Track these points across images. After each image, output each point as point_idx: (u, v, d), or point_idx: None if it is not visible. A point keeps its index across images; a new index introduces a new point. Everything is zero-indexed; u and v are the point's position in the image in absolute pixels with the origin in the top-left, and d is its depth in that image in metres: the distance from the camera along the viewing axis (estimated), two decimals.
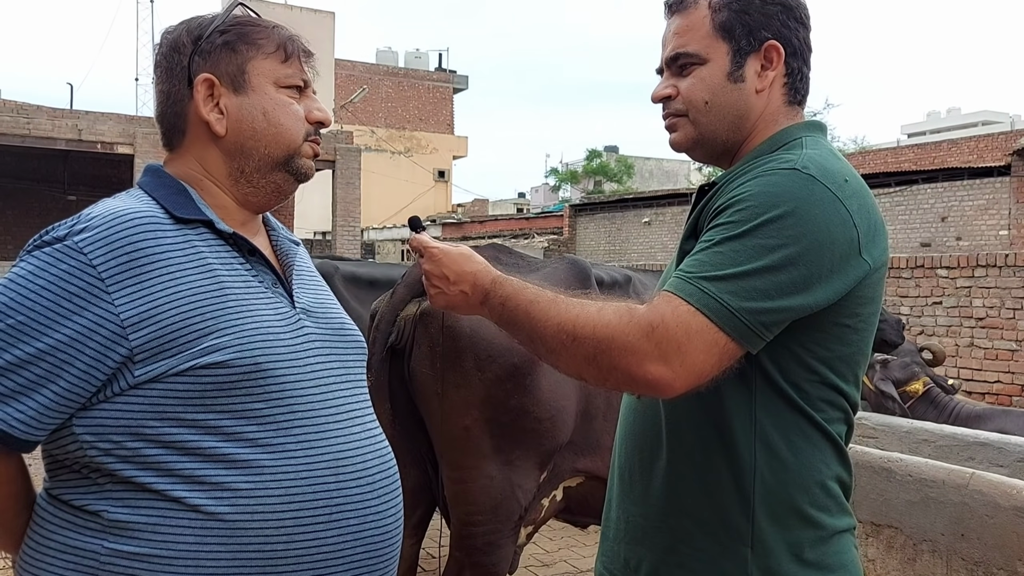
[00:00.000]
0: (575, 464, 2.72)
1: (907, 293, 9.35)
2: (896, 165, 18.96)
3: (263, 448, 1.18)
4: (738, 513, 1.26)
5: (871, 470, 3.08)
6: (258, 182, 1.32)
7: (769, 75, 1.35)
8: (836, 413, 1.29)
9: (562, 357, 1.24)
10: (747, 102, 1.35)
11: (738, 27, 1.34)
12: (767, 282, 1.16)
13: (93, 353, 1.13)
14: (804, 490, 1.26)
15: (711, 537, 1.28)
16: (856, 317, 1.27)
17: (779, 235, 1.18)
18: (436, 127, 38.92)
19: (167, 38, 1.31)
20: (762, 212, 1.19)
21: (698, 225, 1.32)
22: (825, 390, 1.27)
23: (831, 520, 1.29)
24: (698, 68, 1.36)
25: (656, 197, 21.43)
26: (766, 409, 1.26)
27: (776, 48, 1.34)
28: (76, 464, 1.18)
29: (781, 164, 1.25)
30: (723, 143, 1.39)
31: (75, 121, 13.92)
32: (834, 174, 1.24)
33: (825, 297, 1.20)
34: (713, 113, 1.36)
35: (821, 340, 1.25)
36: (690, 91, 1.36)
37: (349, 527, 1.23)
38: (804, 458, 1.26)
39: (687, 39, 1.36)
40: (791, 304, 1.18)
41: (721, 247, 1.20)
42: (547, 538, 4.71)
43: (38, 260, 1.15)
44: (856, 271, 1.22)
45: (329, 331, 1.33)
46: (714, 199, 1.31)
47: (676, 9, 1.39)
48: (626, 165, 35.93)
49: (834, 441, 1.29)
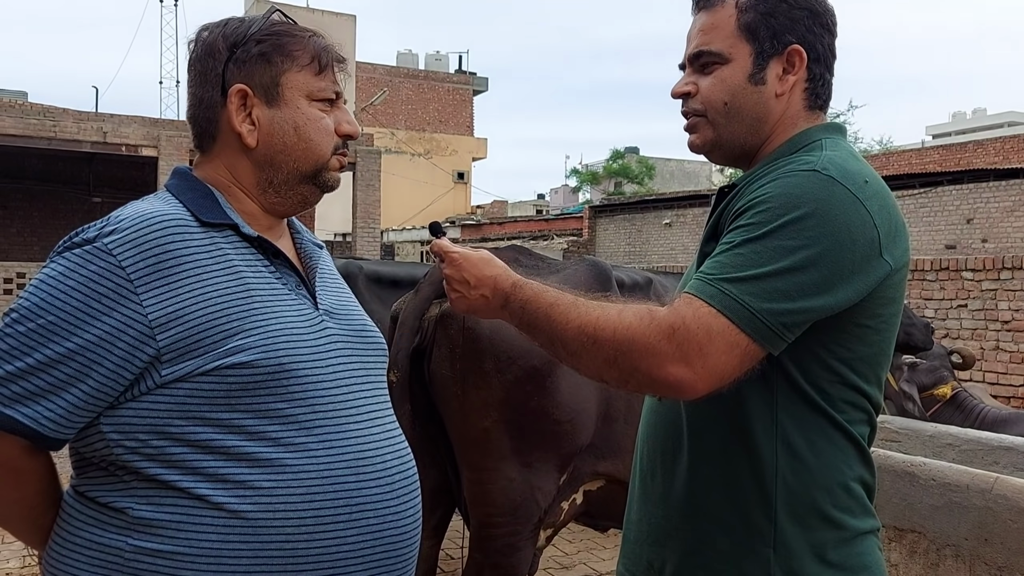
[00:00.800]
0: (595, 467, 2.72)
1: (932, 295, 9.26)
2: (921, 166, 18.77)
3: (285, 447, 1.19)
4: (760, 514, 1.26)
5: (894, 474, 3.05)
6: (285, 193, 1.33)
7: (790, 79, 1.35)
8: (858, 414, 1.29)
9: (583, 359, 1.25)
10: (766, 105, 1.35)
11: (763, 29, 1.33)
12: (788, 283, 1.16)
13: (121, 353, 1.14)
14: (826, 491, 1.26)
15: (733, 538, 1.28)
16: (877, 318, 1.26)
17: (800, 236, 1.18)
18: (456, 129, 38.98)
19: (202, 40, 1.31)
20: (783, 213, 1.19)
21: (718, 227, 1.32)
22: (847, 391, 1.27)
23: (854, 521, 1.28)
24: (720, 67, 1.35)
25: (677, 198, 21.34)
26: (788, 411, 1.25)
27: (799, 53, 1.34)
28: (103, 462, 1.20)
29: (801, 166, 1.25)
30: (741, 146, 1.39)
31: (100, 124, 14.07)
32: (854, 175, 1.24)
33: (846, 298, 1.20)
34: (732, 115, 1.36)
35: (842, 341, 1.25)
36: (710, 91, 1.36)
37: (369, 527, 1.24)
38: (826, 459, 1.26)
39: (711, 37, 1.36)
40: (812, 305, 1.17)
41: (742, 249, 1.20)
42: (566, 540, 4.71)
43: (68, 261, 1.16)
44: (877, 272, 1.22)
45: (351, 333, 1.35)
46: (734, 201, 1.31)
47: (703, 5, 1.39)
48: (647, 167, 35.85)
49: (856, 442, 1.29)
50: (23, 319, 1.14)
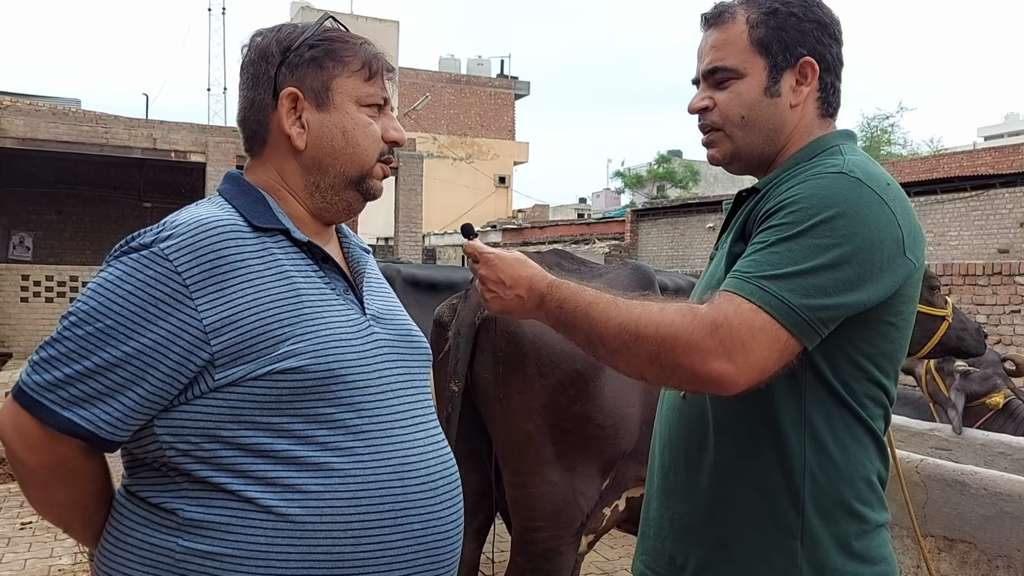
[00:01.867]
0: (639, 473, 2.70)
1: (983, 301, 9.05)
2: (972, 169, 18.33)
3: (333, 452, 1.21)
4: (788, 507, 1.30)
5: (944, 483, 2.99)
6: (331, 198, 1.35)
7: (804, 90, 1.40)
8: (878, 409, 1.34)
9: (623, 357, 1.27)
10: (782, 116, 1.40)
11: (775, 43, 1.38)
12: (824, 279, 1.20)
13: (176, 357, 1.16)
14: (851, 485, 1.31)
15: (761, 531, 1.31)
16: (899, 315, 1.31)
17: (833, 235, 1.22)
18: (497, 133, 39.07)
19: (255, 44, 1.33)
20: (815, 213, 1.23)
21: (746, 228, 1.37)
22: (870, 386, 1.31)
23: (873, 514, 1.33)
24: (735, 82, 1.40)
25: (720, 202, 21.12)
26: (816, 405, 1.29)
27: (811, 64, 1.39)
28: (155, 463, 1.22)
29: (828, 168, 1.30)
30: (759, 156, 1.44)
31: (150, 130, 14.36)
32: (878, 178, 1.29)
33: (876, 294, 1.24)
34: (749, 127, 1.41)
35: (868, 337, 1.29)
36: (727, 105, 1.41)
37: (413, 531, 1.25)
38: (851, 454, 1.31)
39: (724, 53, 1.40)
40: (847, 301, 1.21)
41: (777, 247, 1.24)
42: (608, 547, 4.69)
43: (125, 265, 1.19)
44: (903, 270, 1.27)
45: (397, 338, 1.36)
46: (761, 203, 1.35)
47: (714, 23, 1.43)
48: (692, 171, 35.59)
49: (876, 437, 1.34)
50: (81, 323, 1.17)
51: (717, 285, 1.28)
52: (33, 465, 1.20)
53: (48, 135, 13.36)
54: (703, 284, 1.47)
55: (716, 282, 1.32)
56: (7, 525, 4.91)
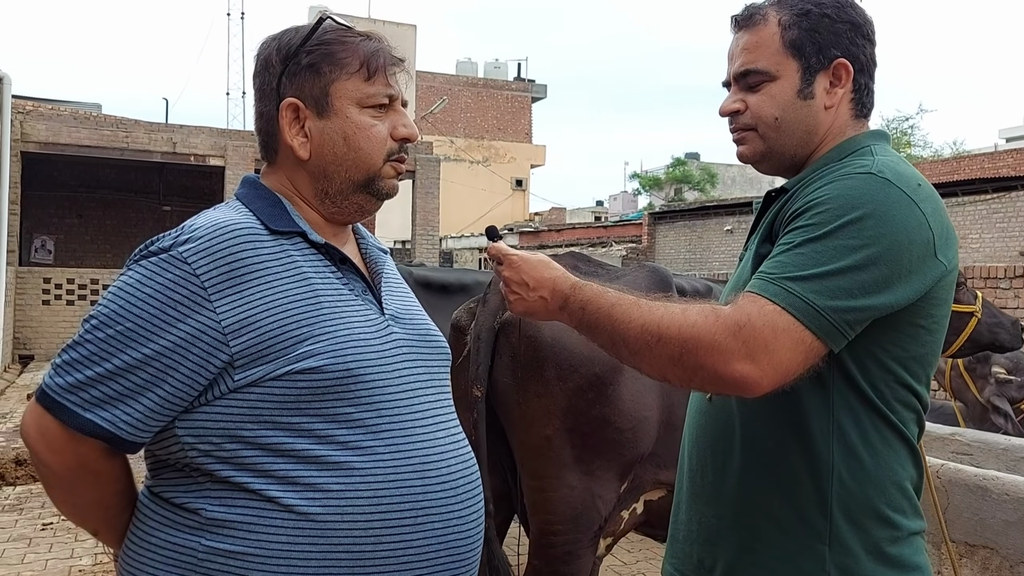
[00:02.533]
0: (657, 476, 2.69)
1: (1006, 304, 8.96)
2: (994, 171, 18.16)
3: (353, 451, 1.21)
4: (816, 512, 1.28)
5: (965, 488, 2.95)
6: (341, 203, 1.35)
7: (838, 92, 1.38)
8: (910, 414, 1.32)
9: (646, 358, 1.26)
10: (816, 118, 1.38)
11: (808, 45, 1.36)
12: (850, 281, 1.19)
13: (196, 359, 1.17)
14: (881, 491, 1.29)
15: (788, 535, 1.30)
16: (930, 318, 1.29)
17: (860, 236, 1.20)
18: (514, 136, 39.11)
19: (260, 55, 1.34)
20: (842, 214, 1.22)
21: (773, 229, 1.36)
22: (900, 390, 1.29)
23: (906, 521, 1.31)
24: (768, 84, 1.38)
25: (739, 204, 21.04)
26: (845, 409, 1.28)
27: (845, 66, 1.37)
28: (177, 463, 1.23)
29: (857, 169, 1.29)
30: (791, 157, 1.42)
31: (170, 135, 14.49)
32: (908, 178, 1.27)
33: (905, 296, 1.22)
34: (783, 129, 1.39)
35: (897, 340, 1.27)
36: (760, 107, 1.39)
37: (434, 530, 1.25)
38: (882, 459, 1.29)
39: (756, 55, 1.39)
40: (873, 303, 1.20)
41: (803, 248, 1.23)
42: (625, 550, 4.67)
43: (145, 269, 1.20)
44: (933, 272, 1.25)
45: (416, 337, 1.36)
46: (789, 203, 1.34)
47: (744, 25, 1.42)
48: (710, 173, 35.50)
49: (909, 442, 1.32)
50: (102, 325, 1.18)
51: (744, 286, 1.27)
52: (56, 466, 1.22)
53: (69, 139, 13.52)
54: (730, 285, 1.46)
55: (743, 283, 1.31)
56: (28, 526, 4.95)
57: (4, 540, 4.69)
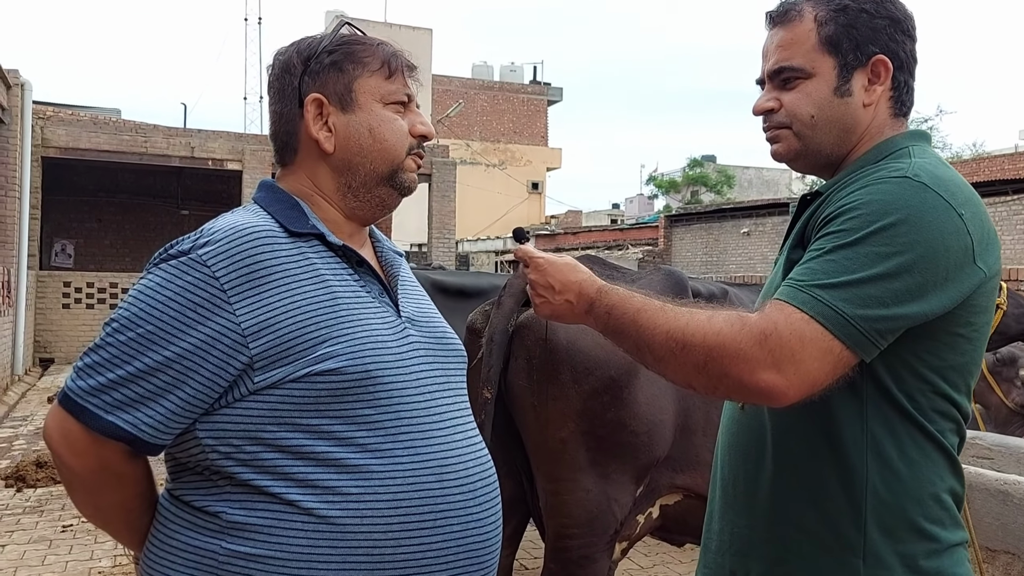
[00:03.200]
0: (673, 480, 2.69)
1: None
2: (1014, 172, 17.97)
3: (372, 453, 1.22)
4: (849, 524, 1.25)
5: (986, 493, 2.93)
6: (364, 196, 1.36)
7: (876, 89, 1.34)
8: (948, 424, 1.27)
9: (670, 365, 1.25)
10: (854, 116, 1.34)
11: (845, 41, 1.32)
12: (882, 289, 1.16)
13: (216, 361, 1.18)
14: (918, 502, 1.24)
15: (821, 548, 1.26)
16: (970, 326, 1.25)
17: (892, 242, 1.17)
18: (530, 139, 39.16)
19: (279, 60, 1.37)
20: (874, 220, 1.19)
21: (805, 234, 1.32)
22: (938, 400, 1.25)
23: (945, 534, 1.26)
24: (803, 82, 1.35)
25: (756, 207, 20.95)
26: (878, 419, 1.24)
27: (884, 63, 1.33)
28: (198, 466, 1.24)
29: (892, 172, 1.25)
30: (827, 156, 1.38)
31: (188, 139, 14.60)
32: (946, 182, 1.23)
33: (940, 305, 1.19)
34: (819, 127, 1.35)
35: (934, 349, 1.23)
36: (795, 105, 1.36)
37: (452, 533, 1.26)
38: (918, 470, 1.25)
39: (791, 52, 1.35)
40: (906, 312, 1.17)
41: (833, 255, 1.19)
42: (642, 553, 4.66)
43: (165, 272, 1.21)
44: (971, 279, 1.21)
45: (432, 340, 1.37)
46: (821, 208, 1.30)
47: (779, 21, 1.38)
48: (726, 176, 35.38)
49: (947, 452, 1.27)
50: (123, 328, 1.19)
51: (775, 292, 1.24)
52: (78, 469, 1.23)
53: (89, 144, 13.65)
54: (764, 292, 1.43)
55: (774, 289, 1.27)
56: (49, 527, 5.00)
57: (25, 542, 4.73)
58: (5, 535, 4.84)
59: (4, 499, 5.61)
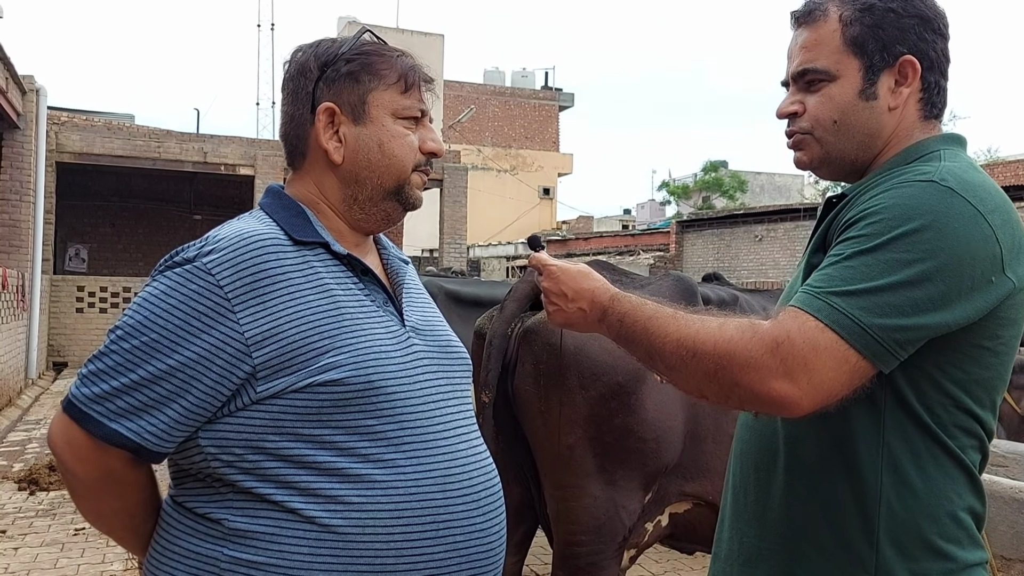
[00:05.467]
0: (683, 488, 2.67)
1: None
2: None
3: (375, 463, 1.21)
4: (861, 539, 1.21)
5: (1001, 501, 2.90)
6: (369, 210, 1.36)
7: (904, 91, 1.29)
8: (970, 440, 1.23)
9: (682, 374, 1.22)
10: (879, 120, 1.30)
11: (871, 42, 1.28)
12: (901, 298, 1.11)
13: (219, 370, 1.18)
14: (934, 520, 1.20)
15: (831, 562, 1.23)
16: (996, 339, 1.20)
17: (915, 249, 1.12)
18: (541, 145, 39.16)
19: (295, 60, 1.36)
20: (896, 225, 1.14)
21: (827, 238, 1.28)
22: (960, 415, 1.21)
23: (962, 553, 1.22)
24: (827, 85, 1.31)
25: (768, 212, 20.87)
26: (896, 432, 1.20)
27: (912, 63, 1.28)
28: (200, 474, 1.24)
29: (917, 176, 1.20)
30: (852, 162, 1.34)
31: (201, 144, 14.68)
32: (975, 187, 1.18)
33: (964, 315, 1.14)
34: (842, 132, 1.31)
35: (958, 362, 1.19)
36: (818, 109, 1.32)
37: (456, 543, 1.25)
38: (935, 486, 1.20)
39: (815, 54, 1.31)
40: (927, 322, 1.12)
41: (852, 261, 1.15)
42: (652, 560, 4.64)
43: (169, 280, 1.21)
44: (999, 290, 1.16)
45: (436, 349, 1.36)
46: (844, 211, 1.26)
47: (804, 21, 1.34)
48: (739, 181, 35.30)
49: (968, 470, 1.23)
50: (127, 336, 1.19)
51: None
52: (82, 475, 1.23)
53: (103, 150, 13.74)
54: (783, 296, 1.39)
55: (793, 294, 1.23)
56: (61, 531, 5.02)
57: (37, 545, 4.76)
58: (18, 538, 4.87)
59: (17, 502, 5.64)
